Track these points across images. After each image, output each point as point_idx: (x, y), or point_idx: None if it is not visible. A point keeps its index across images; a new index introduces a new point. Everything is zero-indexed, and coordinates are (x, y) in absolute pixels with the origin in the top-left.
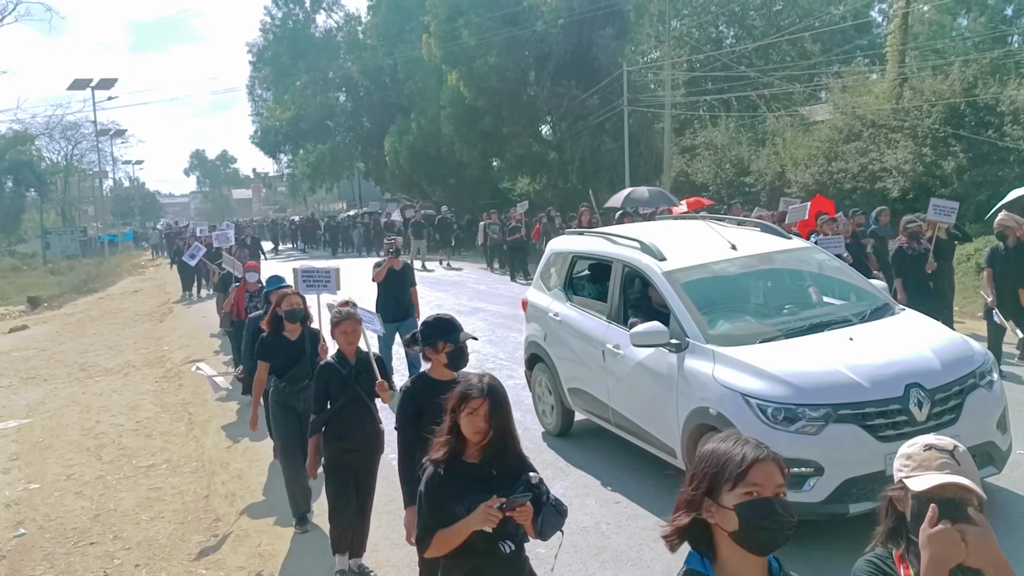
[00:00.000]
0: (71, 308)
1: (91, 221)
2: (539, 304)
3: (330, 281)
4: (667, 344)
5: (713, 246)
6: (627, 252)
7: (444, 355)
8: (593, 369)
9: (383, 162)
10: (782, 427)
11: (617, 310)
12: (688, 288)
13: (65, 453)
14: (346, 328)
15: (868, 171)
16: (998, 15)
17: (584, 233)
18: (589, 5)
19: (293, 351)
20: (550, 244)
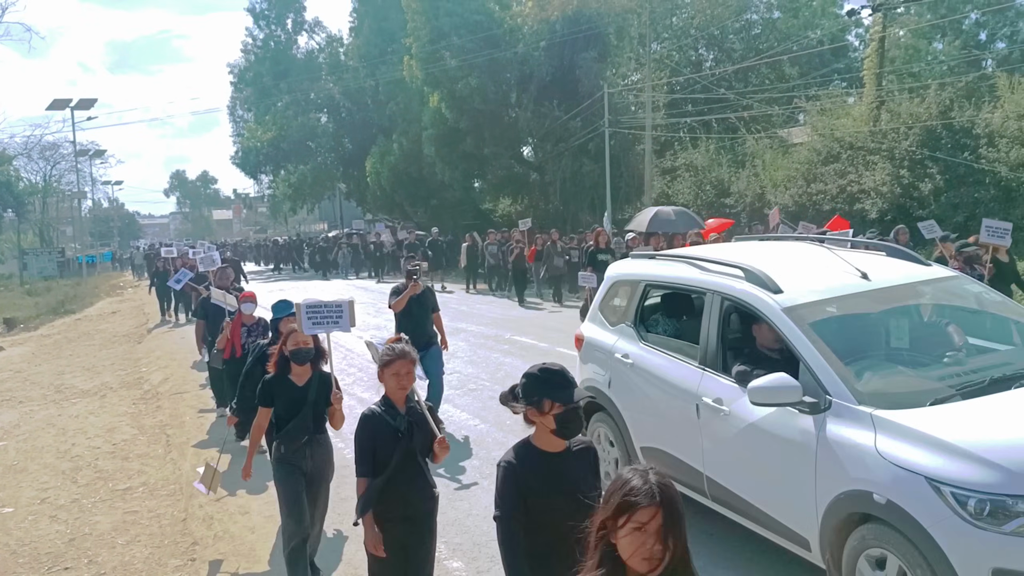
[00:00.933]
0: (48, 329)
1: (69, 242)
2: (600, 343)
3: (342, 316)
4: (799, 404)
5: (836, 274)
6: (726, 281)
7: (552, 418)
8: (680, 427)
9: (364, 183)
10: (991, 526)
11: (715, 354)
12: (820, 329)
13: (40, 476)
14: (399, 369)
15: (847, 192)
16: (972, 40)
17: (657, 256)
18: (570, 28)
19: (296, 400)
20: (611, 270)
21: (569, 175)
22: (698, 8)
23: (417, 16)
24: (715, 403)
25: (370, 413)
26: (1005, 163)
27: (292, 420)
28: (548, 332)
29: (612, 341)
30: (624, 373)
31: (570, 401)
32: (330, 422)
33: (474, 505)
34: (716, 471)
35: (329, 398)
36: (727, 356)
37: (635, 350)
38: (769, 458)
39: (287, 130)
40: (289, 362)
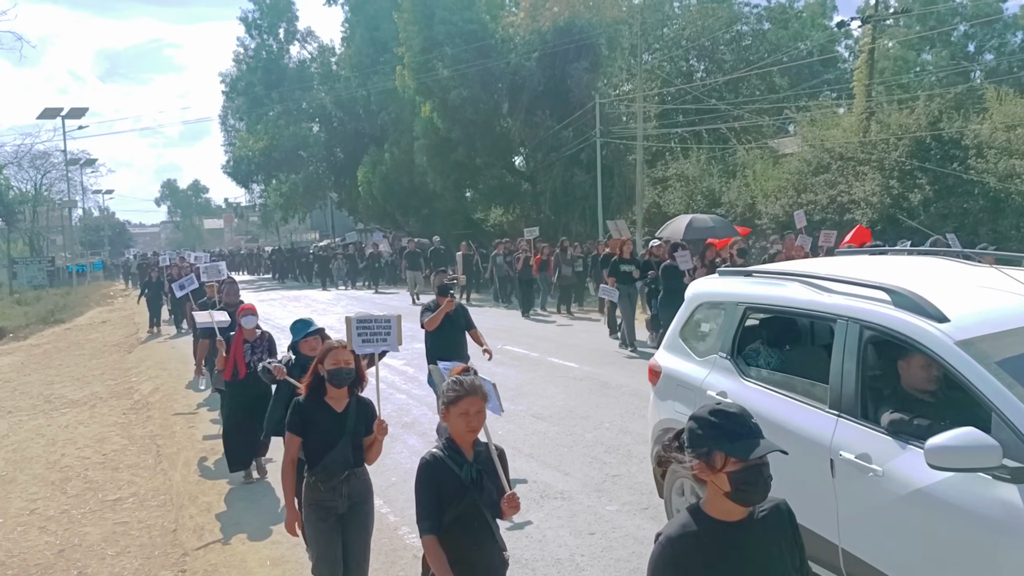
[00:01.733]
0: (37, 339)
1: (59, 251)
2: (685, 376)
3: (391, 334)
4: (996, 469)
5: (1006, 297)
6: (867, 307)
7: (725, 477)
8: (805, 486)
9: (356, 192)
10: None
11: (853, 396)
12: (1014, 370)
13: (29, 487)
14: (468, 407)
15: (837, 203)
16: (961, 51)
17: (753, 273)
18: (562, 38)
19: (334, 428)
20: (693, 289)
21: (560, 185)
22: (689, 19)
23: (409, 26)
24: (860, 460)
25: (432, 459)
26: (994, 174)
27: (329, 451)
28: (540, 342)
29: (702, 375)
30: None
31: (749, 455)
32: (366, 455)
33: None
34: (858, 544)
35: (370, 426)
36: (868, 399)
37: (735, 387)
38: (943, 536)
39: (279, 139)
40: (324, 384)
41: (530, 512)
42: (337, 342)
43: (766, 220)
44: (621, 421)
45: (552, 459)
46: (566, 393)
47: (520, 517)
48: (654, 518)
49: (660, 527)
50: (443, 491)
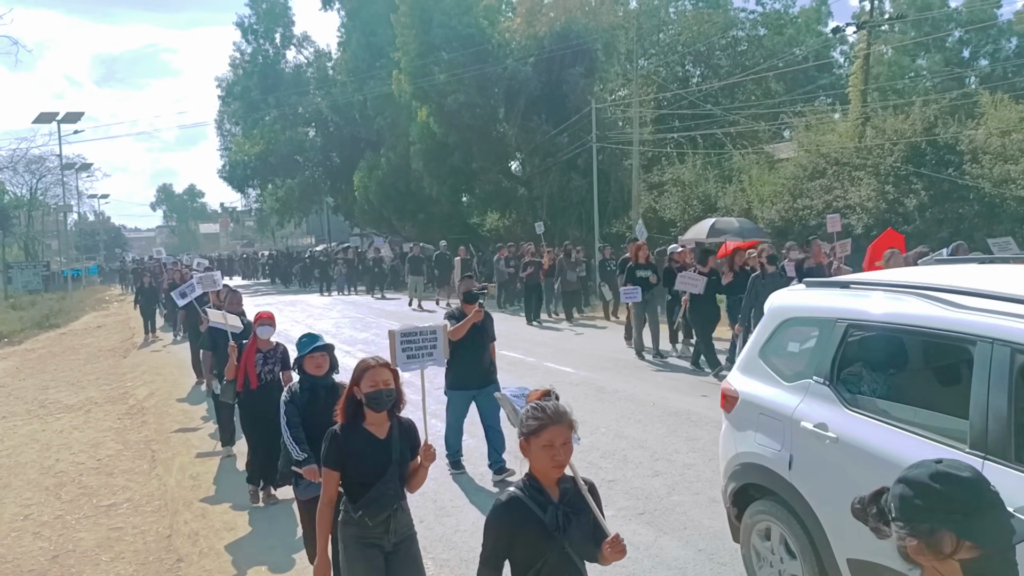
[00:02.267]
0: (32, 344)
1: (54, 255)
2: (770, 404)
3: (436, 347)
4: None
5: None
6: (1019, 325)
7: (958, 565)
8: None
9: (352, 197)
10: None
11: (1003, 435)
12: None
13: (23, 492)
14: (554, 438)
15: (832, 208)
16: (956, 57)
17: (851, 284)
18: (558, 43)
19: (379, 457)
20: (775, 302)
21: (557, 190)
22: (685, 25)
23: (406, 30)
24: (1021, 513)
25: (510, 500)
26: (988, 179)
27: (375, 484)
28: (536, 347)
29: (792, 403)
30: (819, 452)
31: (998, 543)
32: (409, 483)
33: (461, 521)
34: None
35: (415, 451)
36: (1020, 438)
37: (838, 419)
38: None
39: (275, 144)
40: (362, 409)
41: None
42: (373, 360)
43: (762, 225)
44: (617, 426)
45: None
46: (562, 398)
47: None
48: (650, 523)
49: (656, 532)
50: (519, 535)
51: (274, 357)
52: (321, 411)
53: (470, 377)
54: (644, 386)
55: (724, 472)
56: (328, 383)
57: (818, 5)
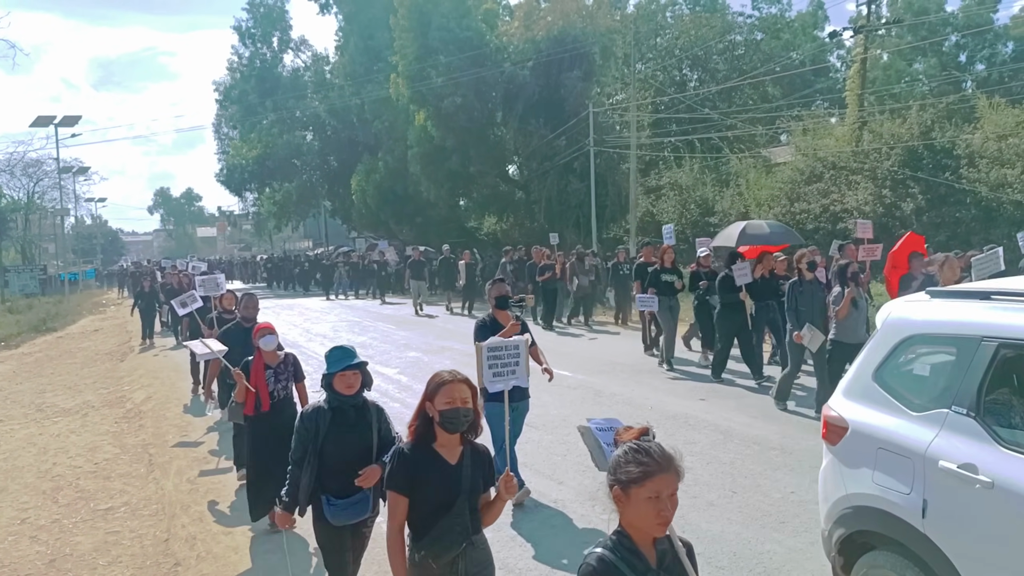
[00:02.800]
0: (29, 347)
1: (51, 259)
2: (893, 437)
3: (519, 364)
4: None
5: None
6: None
7: None
8: None
9: (350, 200)
10: None
11: None
12: None
13: (20, 496)
14: (661, 488)
15: (830, 212)
16: (952, 62)
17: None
18: (556, 47)
19: (447, 485)
20: (894, 314)
21: (555, 193)
22: (682, 29)
23: (405, 33)
24: None
25: (602, 563)
26: (985, 183)
27: (443, 517)
28: None
29: (925, 437)
30: (965, 498)
31: None
32: (483, 517)
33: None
34: None
35: (489, 481)
36: None
37: (990, 458)
38: None
39: (272, 148)
40: (433, 428)
41: (524, 521)
42: (450, 374)
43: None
44: None
45: (546, 468)
46: (560, 401)
47: (514, 525)
48: None
49: None
50: None
51: (285, 371)
52: (349, 433)
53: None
54: (642, 390)
55: (827, 515)
56: (358, 402)
57: (814, 10)
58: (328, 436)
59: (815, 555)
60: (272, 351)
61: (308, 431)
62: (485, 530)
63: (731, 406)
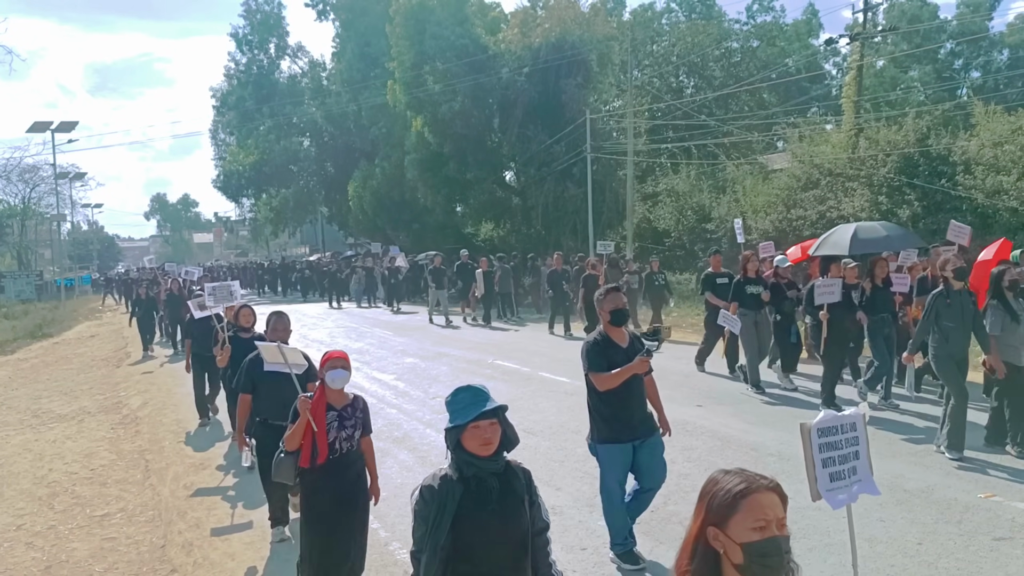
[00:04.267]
0: (25, 353)
1: (48, 265)
2: None
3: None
4: None
5: None
6: None
7: None
8: None
9: (347, 207)
10: None
11: None
12: None
13: (16, 502)
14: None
15: (826, 218)
16: (947, 69)
17: None
18: (554, 54)
19: None
20: None
21: (552, 199)
22: (679, 36)
23: (401, 40)
24: None
25: None
26: (981, 190)
27: None
28: (531, 356)
29: None
30: None
31: None
32: None
33: None
34: None
35: None
36: None
37: None
38: None
39: (269, 154)
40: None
41: None
42: (766, 484)
43: (756, 235)
44: None
45: (543, 474)
46: (557, 408)
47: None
48: (646, 533)
49: (653, 542)
50: None
51: (352, 417)
52: (492, 515)
53: (629, 421)
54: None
55: None
56: (499, 467)
57: (808, 18)
58: (461, 519)
59: (814, 560)
60: (340, 390)
61: (430, 511)
62: None
63: (728, 412)
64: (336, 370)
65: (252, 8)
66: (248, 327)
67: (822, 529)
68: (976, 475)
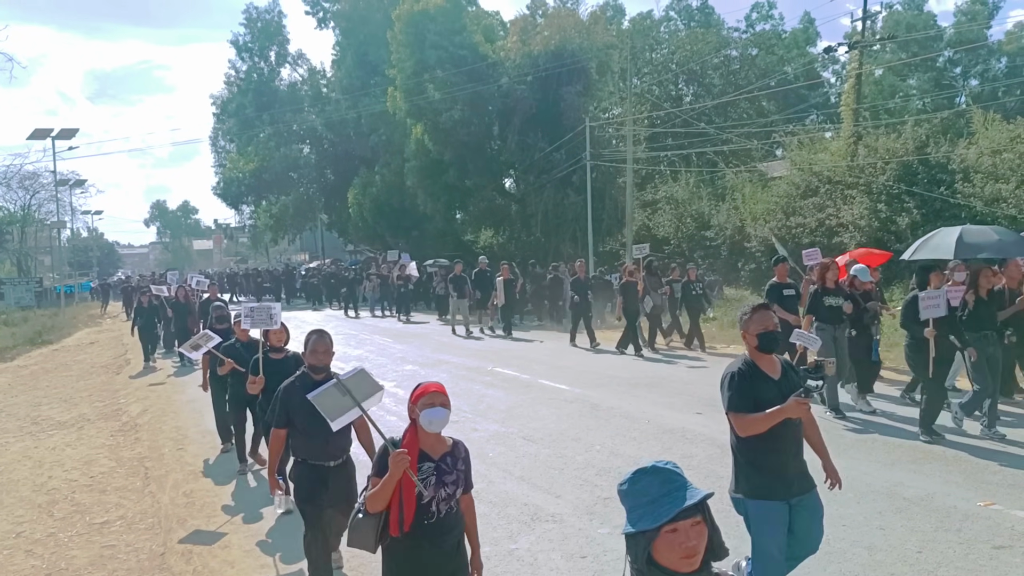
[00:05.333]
0: (24, 360)
1: (47, 272)
2: None
3: None
4: None
5: None
6: None
7: None
8: None
9: (346, 214)
10: None
11: None
12: None
13: (15, 510)
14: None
15: (825, 226)
16: (946, 77)
17: None
18: (553, 62)
19: None
20: None
21: (552, 207)
22: (678, 44)
23: (402, 48)
24: None
25: None
26: (980, 198)
27: None
28: (531, 364)
29: None
30: None
31: None
32: None
33: None
34: None
35: None
36: None
37: None
38: None
39: (269, 161)
40: None
41: (521, 535)
42: None
43: (755, 243)
44: (612, 443)
45: (543, 482)
46: (557, 415)
47: (511, 540)
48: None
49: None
50: None
51: (453, 469)
52: None
53: (783, 475)
54: (639, 404)
55: None
56: None
57: (805, 27)
58: None
59: (814, 569)
60: (437, 433)
61: None
62: (485, 545)
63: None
64: (435, 408)
65: (253, 16)
66: (280, 346)
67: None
68: (975, 483)
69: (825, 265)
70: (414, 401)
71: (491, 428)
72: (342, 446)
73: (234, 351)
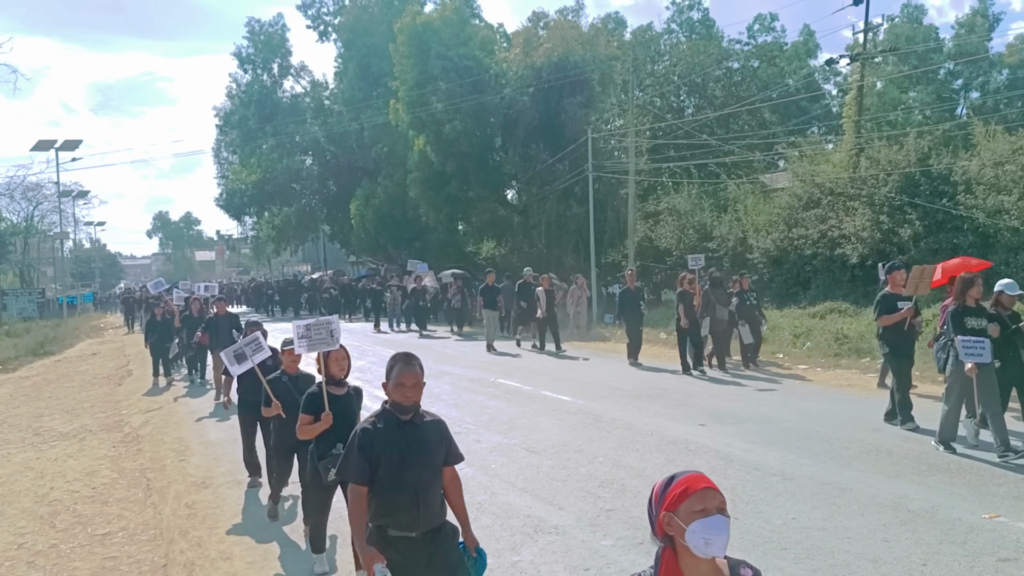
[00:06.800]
0: (27, 371)
1: (50, 283)
2: None
3: None
4: None
5: None
6: None
7: None
8: None
9: (349, 225)
10: None
11: None
12: None
13: (17, 521)
14: None
15: (828, 237)
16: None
17: None
18: (556, 74)
19: None
20: None
21: (554, 218)
22: (680, 56)
23: (404, 60)
24: None
25: None
26: (982, 209)
27: None
28: (533, 376)
29: None
30: None
31: None
32: None
33: None
34: None
35: None
36: None
37: None
38: None
39: (272, 172)
40: None
41: (524, 547)
42: None
43: (757, 254)
44: (615, 455)
45: (546, 493)
46: (559, 427)
47: (514, 552)
48: (648, 553)
49: (654, 562)
50: None
51: None
52: None
53: None
54: (641, 415)
55: None
56: None
57: (806, 39)
58: None
59: None
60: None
61: None
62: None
63: (731, 432)
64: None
65: (256, 29)
66: (342, 378)
67: (826, 550)
68: (980, 495)
69: (968, 280)
70: (671, 505)
71: (494, 439)
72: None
73: (280, 386)
